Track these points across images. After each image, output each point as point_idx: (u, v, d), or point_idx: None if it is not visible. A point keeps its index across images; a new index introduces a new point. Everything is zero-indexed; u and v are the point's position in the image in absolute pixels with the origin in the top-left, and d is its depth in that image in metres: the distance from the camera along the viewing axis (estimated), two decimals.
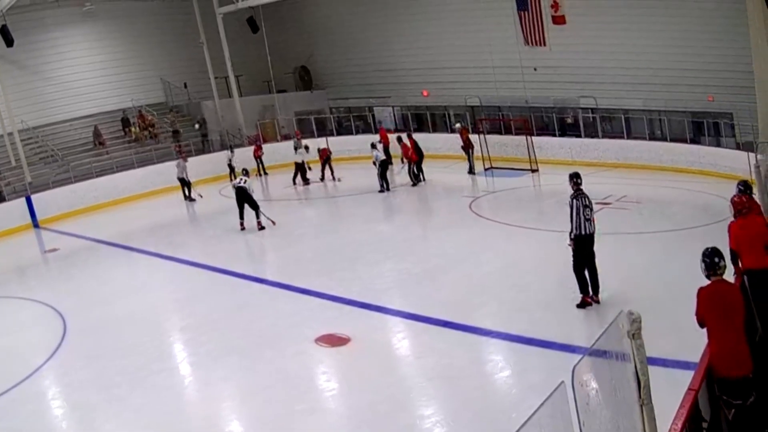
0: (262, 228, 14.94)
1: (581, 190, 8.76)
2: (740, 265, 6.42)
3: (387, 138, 21.50)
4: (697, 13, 18.37)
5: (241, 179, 15.20)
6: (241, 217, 15.07)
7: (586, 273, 8.68)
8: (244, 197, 14.88)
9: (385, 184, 18.22)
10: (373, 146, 19.05)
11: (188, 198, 19.97)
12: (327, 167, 20.91)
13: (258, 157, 23.52)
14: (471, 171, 19.78)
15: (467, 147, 19.70)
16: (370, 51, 26.55)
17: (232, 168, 21.70)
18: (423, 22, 24.52)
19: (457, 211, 15.47)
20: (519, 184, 18.16)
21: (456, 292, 9.97)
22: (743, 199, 6.61)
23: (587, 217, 8.64)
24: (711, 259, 4.74)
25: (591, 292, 8.70)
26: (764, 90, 16.01)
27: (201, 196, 19.57)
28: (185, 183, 19.97)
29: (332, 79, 28.62)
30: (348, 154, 23.97)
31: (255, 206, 14.95)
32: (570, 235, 8.68)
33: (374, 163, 18.55)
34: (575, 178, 8.88)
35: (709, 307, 4.68)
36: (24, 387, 8.05)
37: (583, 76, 21.06)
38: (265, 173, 23.80)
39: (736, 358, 4.53)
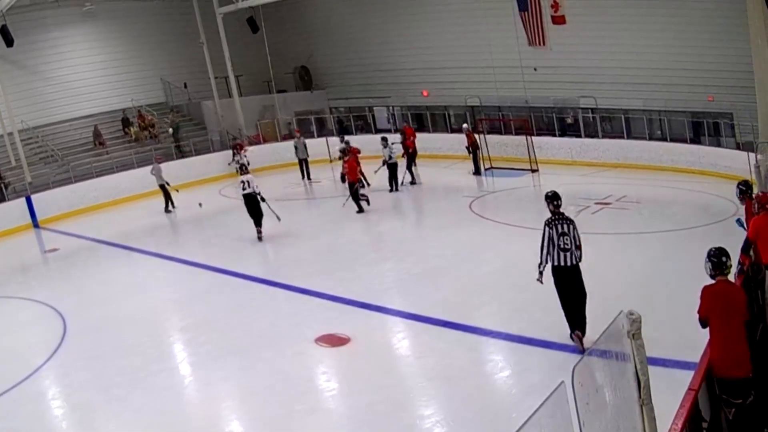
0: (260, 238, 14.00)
1: (561, 213, 7.49)
2: (754, 257, 6.48)
3: (413, 134, 20.33)
4: (697, 13, 18.37)
5: (244, 183, 13.81)
6: (258, 224, 14.03)
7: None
8: (254, 204, 13.77)
9: (395, 184, 18.01)
10: (384, 143, 17.93)
11: (168, 208, 18.58)
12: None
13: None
14: (477, 172, 19.67)
15: (474, 148, 19.59)
16: (370, 51, 26.55)
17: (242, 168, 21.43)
18: (423, 22, 24.51)
19: (457, 211, 15.47)
20: (519, 184, 18.16)
21: (456, 292, 9.97)
22: None
23: (565, 246, 7.35)
24: (719, 258, 4.72)
25: (578, 329, 7.48)
26: (764, 90, 16.02)
27: (173, 208, 18.51)
28: (166, 190, 18.53)
29: (332, 79, 28.62)
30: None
31: (260, 214, 13.88)
32: (539, 267, 7.50)
33: (384, 162, 17.99)
34: (554, 200, 7.48)
35: (713, 306, 4.68)
36: (24, 387, 8.05)
37: (583, 76, 21.05)
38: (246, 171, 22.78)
39: (736, 359, 4.54)
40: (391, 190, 18.00)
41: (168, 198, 18.58)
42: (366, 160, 18.05)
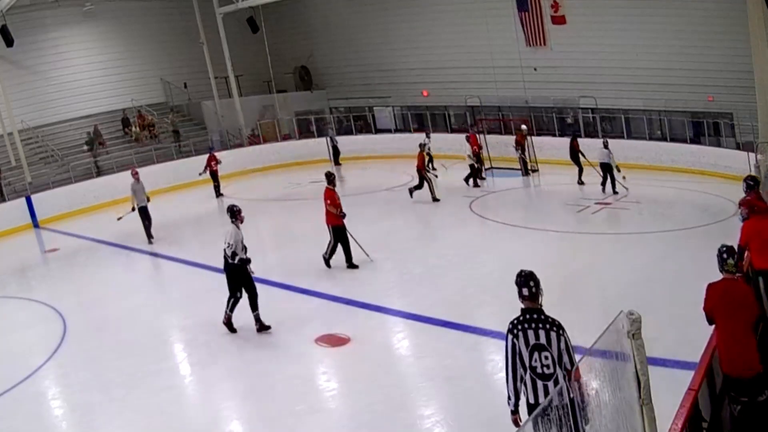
0: None
1: (536, 310, 4.36)
2: (748, 263, 6.47)
3: (477, 143, 18.83)
4: (697, 13, 18.39)
5: None
6: None
7: None
8: None
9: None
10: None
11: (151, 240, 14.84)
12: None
13: (214, 171, 19.79)
14: (526, 173, 18.84)
15: (522, 148, 18.88)
16: (370, 51, 26.56)
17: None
18: (423, 22, 24.53)
19: (457, 211, 15.47)
20: (519, 184, 18.17)
21: (456, 292, 9.97)
22: (755, 200, 6.71)
23: (543, 370, 4.24)
24: (720, 255, 4.89)
25: None
26: (764, 90, 16.04)
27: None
28: (147, 214, 14.89)
29: (332, 79, 28.63)
30: (348, 153, 23.97)
31: None
32: (508, 402, 4.41)
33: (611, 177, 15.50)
34: (527, 283, 4.38)
35: (716, 304, 4.73)
36: (24, 387, 8.03)
37: (583, 76, 21.07)
38: (221, 194, 19.81)
39: (742, 358, 4.55)
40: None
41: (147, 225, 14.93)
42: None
